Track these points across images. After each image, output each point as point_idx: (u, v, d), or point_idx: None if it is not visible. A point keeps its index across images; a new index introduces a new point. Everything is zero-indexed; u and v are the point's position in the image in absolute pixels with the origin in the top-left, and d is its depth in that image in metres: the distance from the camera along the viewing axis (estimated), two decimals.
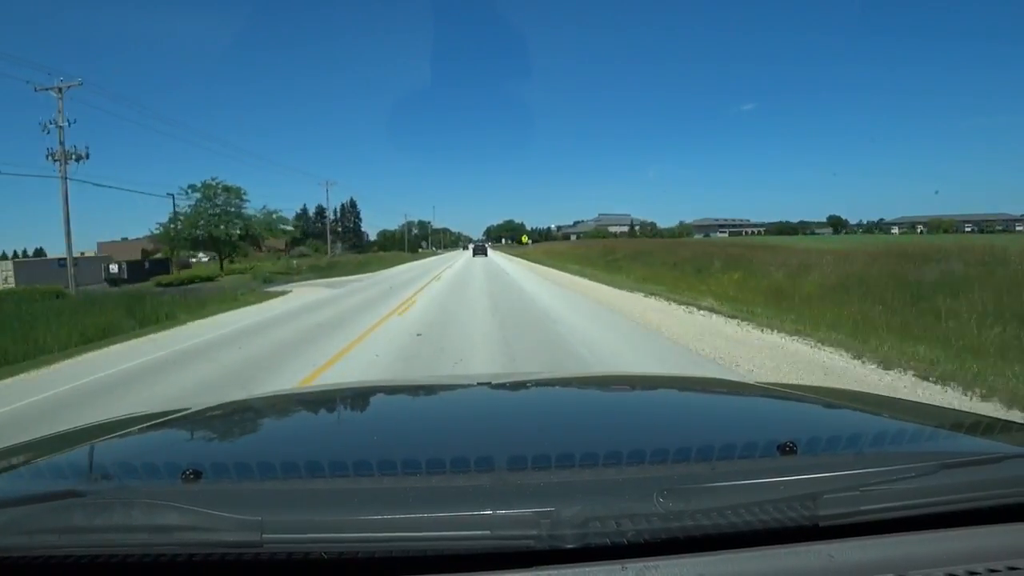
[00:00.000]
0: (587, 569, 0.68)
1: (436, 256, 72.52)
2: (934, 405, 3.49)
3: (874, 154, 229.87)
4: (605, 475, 0.85)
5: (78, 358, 8.54)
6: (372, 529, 0.70)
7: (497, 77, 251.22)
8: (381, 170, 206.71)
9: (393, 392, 1.91)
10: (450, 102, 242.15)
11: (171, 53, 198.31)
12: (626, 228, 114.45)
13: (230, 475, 0.97)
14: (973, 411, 2.44)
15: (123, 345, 9.56)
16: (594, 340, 7.83)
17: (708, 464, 0.89)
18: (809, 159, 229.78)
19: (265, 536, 0.67)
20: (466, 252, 68.55)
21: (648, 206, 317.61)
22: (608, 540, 0.69)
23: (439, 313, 11.54)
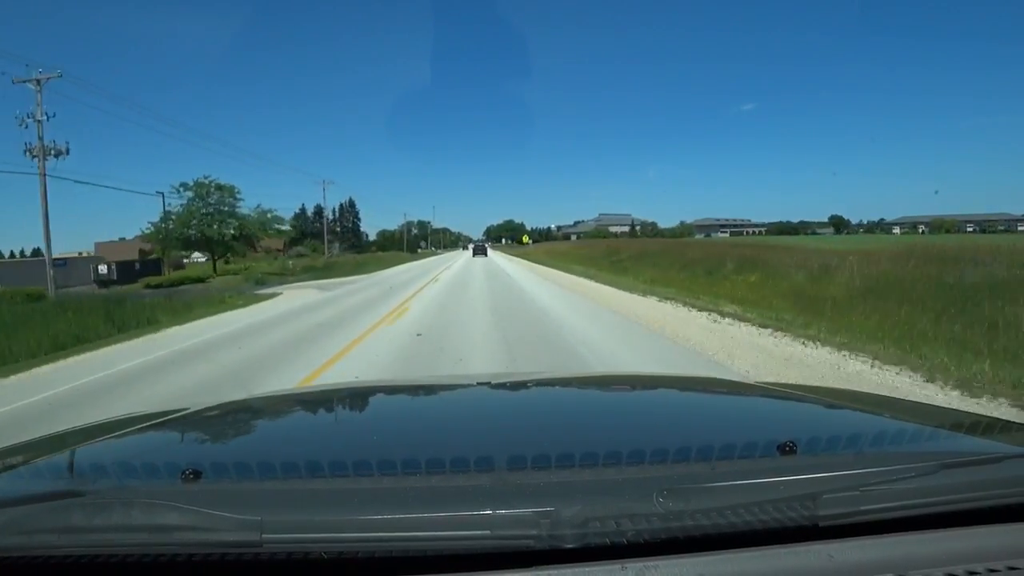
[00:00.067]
0: (587, 569, 0.67)
1: (435, 256, 71.71)
2: (934, 405, 3.35)
3: (874, 154, 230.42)
4: (605, 475, 0.85)
5: (31, 372, 7.71)
6: (372, 529, 0.70)
7: (497, 77, 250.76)
8: (380, 170, 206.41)
9: (393, 392, 1.90)
10: (450, 102, 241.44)
11: (170, 53, 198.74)
12: (627, 228, 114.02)
13: (230, 475, 0.96)
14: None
15: (88, 355, 8.76)
16: (612, 352, 7.01)
17: (708, 464, 0.88)
18: (809, 159, 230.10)
19: (265, 536, 0.67)
20: (466, 252, 68.04)
21: (648, 206, 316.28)
22: (608, 540, 0.69)
23: (437, 315, 10.65)
